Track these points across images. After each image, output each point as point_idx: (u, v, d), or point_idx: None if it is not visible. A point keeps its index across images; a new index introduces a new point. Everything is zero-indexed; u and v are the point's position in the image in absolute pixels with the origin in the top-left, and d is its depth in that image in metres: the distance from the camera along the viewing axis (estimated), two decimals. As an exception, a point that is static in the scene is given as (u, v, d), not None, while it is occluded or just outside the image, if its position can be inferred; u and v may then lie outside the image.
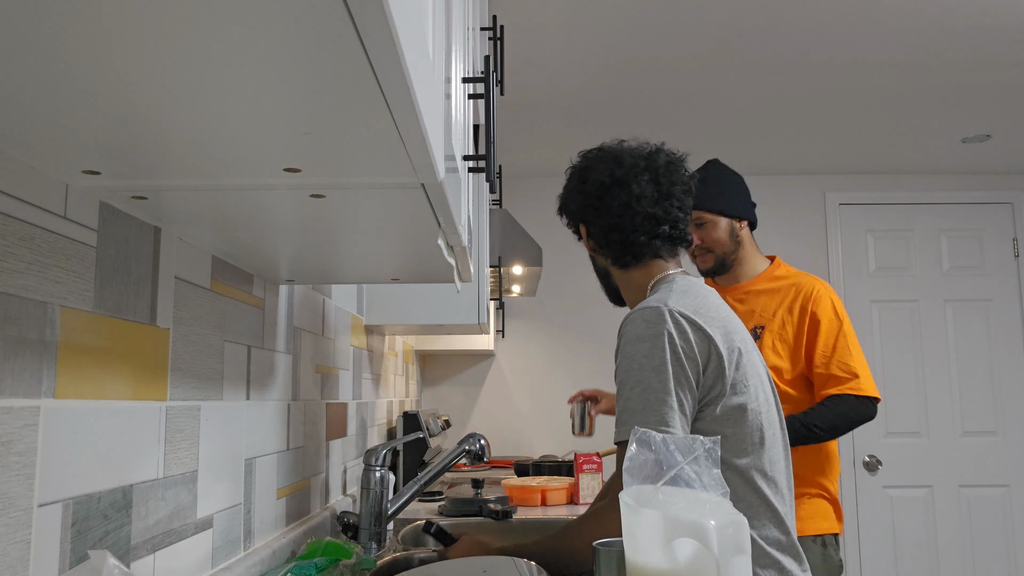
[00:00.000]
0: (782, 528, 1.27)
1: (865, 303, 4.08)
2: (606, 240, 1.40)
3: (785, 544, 1.27)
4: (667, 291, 1.31)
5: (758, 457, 1.26)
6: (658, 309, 1.25)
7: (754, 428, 1.26)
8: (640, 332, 1.24)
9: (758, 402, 1.28)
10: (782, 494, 1.29)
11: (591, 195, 1.40)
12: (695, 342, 1.23)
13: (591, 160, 1.43)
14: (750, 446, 1.26)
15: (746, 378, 1.27)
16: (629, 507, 0.87)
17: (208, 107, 0.57)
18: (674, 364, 1.22)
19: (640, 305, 1.29)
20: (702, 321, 1.25)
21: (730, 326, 1.30)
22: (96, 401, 0.82)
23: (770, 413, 1.32)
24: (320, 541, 1.42)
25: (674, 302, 1.26)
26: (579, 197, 1.42)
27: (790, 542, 1.28)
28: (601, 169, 1.39)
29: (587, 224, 1.43)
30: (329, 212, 0.87)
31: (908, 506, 3.93)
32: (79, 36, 0.46)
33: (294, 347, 1.57)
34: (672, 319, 1.24)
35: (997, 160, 3.93)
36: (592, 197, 1.39)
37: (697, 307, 1.27)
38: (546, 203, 4.17)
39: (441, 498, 2.50)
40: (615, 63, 2.79)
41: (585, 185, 1.41)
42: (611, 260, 1.42)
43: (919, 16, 2.45)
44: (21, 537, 0.69)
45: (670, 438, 0.91)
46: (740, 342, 1.29)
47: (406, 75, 0.52)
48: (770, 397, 1.34)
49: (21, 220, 0.70)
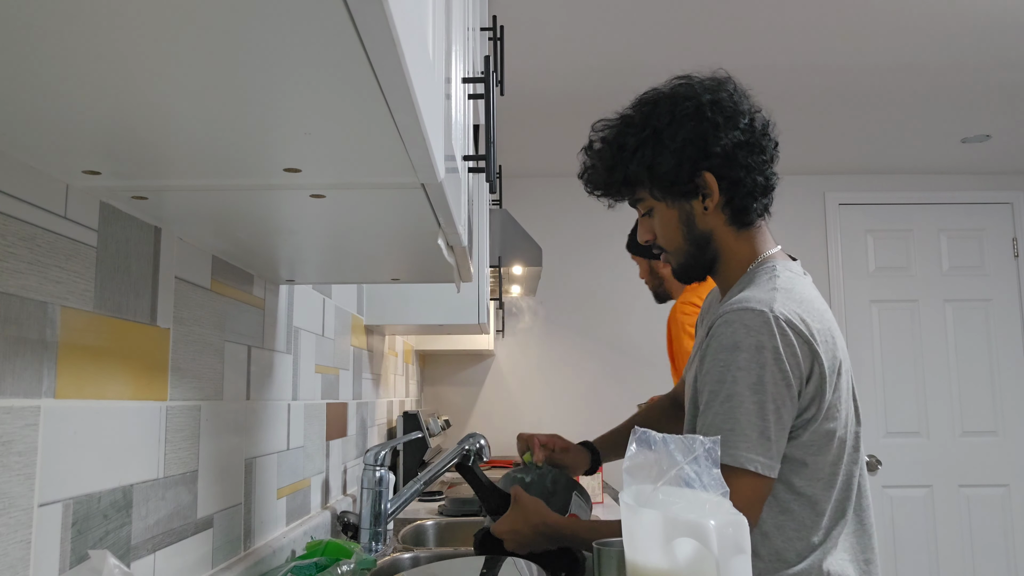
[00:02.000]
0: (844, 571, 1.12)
1: (865, 303, 4.09)
2: (751, 190, 1.19)
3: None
4: (770, 287, 1.13)
5: (832, 488, 1.13)
6: (763, 315, 1.08)
7: (837, 458, 1.13)
8: (739, 339, 1.08)
9: (846, 429, 1.15)
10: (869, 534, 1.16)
11: (745, 130, 1.17)
12: (800, 356, 1.08)
13: (706, 89, 1.18)
14: (828, 477, 1.13)
15: (841, 400, 1.14)
16: (629, 507, 0.87)
17: (208, 107, 0.57)
18: (776, 382, 1.07)
19: (739, 304, 1.10)
20: (809, 331, 1.09)
21: (835, 334, 1.15)
22: (96, 401, 0.82)
23: (852, 439, 1.17)
24: (320, 541, 1.42)
25: (780, 306, 1.09)
26: (725, 133, 1.16)
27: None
28: (736, 99, 1.18)
29: (726, 170, 1.18)
30: (329, 212, 0.87)
31: (908, 506, 3.93)
32: (79, 36, 0.46)
33: (294, 347, 1.57)
34: (779, 329, 1.07)
35: (997, 160, 3.94)
36: (747, 133, 1.17)
37: (804, 312, 1.11)
38: (546, 203, 4.17)
39: (441, 498, 2.50)
40: (615, 63, 2.79)
41: (732, 119, 1.17)
42: (730, 217, 1.20)
43: (919, 16, 2.45)
44: (21, 537, 0.69)
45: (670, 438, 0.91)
46: (842, 355, 1.16)
47: (406, 75, 0.52)
48: (851, 422, 1.18)
49: (21, 220, 0.70)
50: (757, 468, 1.07)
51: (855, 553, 1.15)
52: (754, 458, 1.07)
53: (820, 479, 1.13)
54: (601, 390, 4.04)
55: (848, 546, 1.15)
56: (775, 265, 1.18)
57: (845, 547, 1.14)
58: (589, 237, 4.16)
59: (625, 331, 4.08)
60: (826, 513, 1.13)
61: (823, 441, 1.12)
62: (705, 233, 1.22)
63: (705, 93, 1.19)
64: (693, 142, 1.17)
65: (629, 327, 4.08)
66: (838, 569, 1.12)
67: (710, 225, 1.22)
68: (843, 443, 1.14)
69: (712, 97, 1.18)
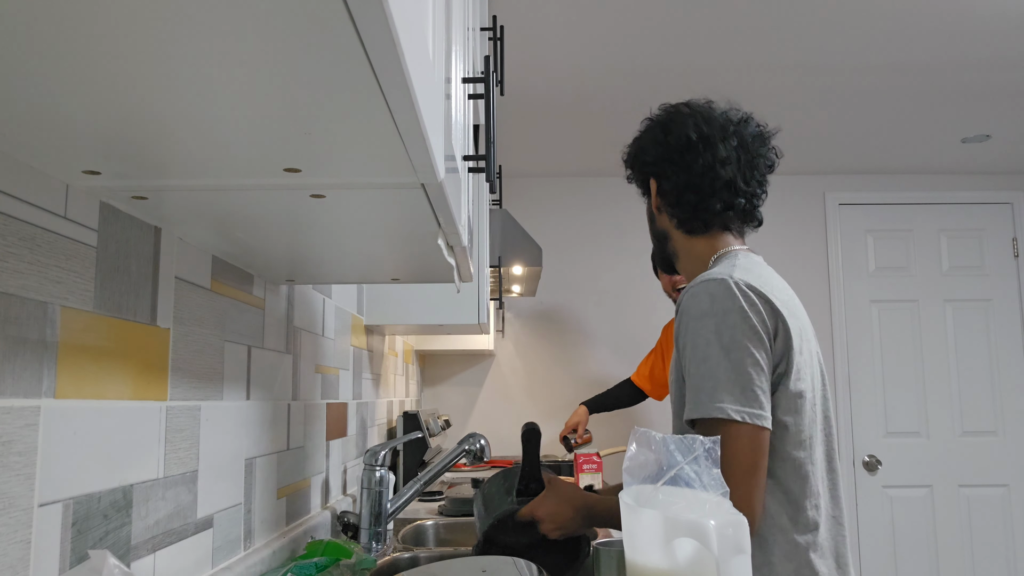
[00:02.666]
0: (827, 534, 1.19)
1: (865, 303, 4.09)
2: (678, 200, 1.30)
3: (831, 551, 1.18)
4: (730, 265, 1.21)
5: (813, 451, 1.18)
6: (724, 282, 1.15)
7: (811, 420, 1.18)
8: (705, 307, 1.15)
9: (814, 392, 1.21)
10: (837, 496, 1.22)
11: (672, 149, 1.29)
12: (765, 314, 1.15)
13: (676, 114, 1.32)
14: (808, 439, 1.17)
15: (806, 364, 1.19)
16: (629, 507, 0.87)
17: (208, 107, 0.57)
18: (748, 339, 1.12)
19: (702, 277, 1.19)
20: (769, 294, 1.16)
21: (794, 308, 1.22)
22: (96, 401, 0.82)
23: (822, 406, 1.24)
24: (320, 541, 1.42)
25: (739, 275, 1.17)
26: (658, 149, 1.31)
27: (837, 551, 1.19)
28: (688, 124, 1.29)
29: (660, 179, 1.32)
30: (329, 212, 0.87)
31: (908, 506, 3.93)
32: (80, 36, 0.46)
33: (294, 347, 1.57)
34: (740, 291, 1.14)
35: (997, 160, 3.94)
36: (673, 151, 1.29)
37: (762, 283, 1.18)
38: (546, 203, 4.17)
39: (441, 498, 2.50)
40: (615, 63, 2.79)
41: (667, 138, 1.30)
42: (678, 223, 1.32)
43: (919, 16, 2.45)
44: (21, 537, 0.69)
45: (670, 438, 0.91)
46: (803, 326, 1.22)
47: (406, 75, 0.52)
48: (818, 388, 1.25)
49: (21, 220, 0.70)
50: (745, 418, 1.10)
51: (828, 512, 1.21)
52: (740, 409, 1.10)
53: (800, 442, 1.17)
54: (601, 390, 4.04)
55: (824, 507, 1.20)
56: (736, 253, 1.28)
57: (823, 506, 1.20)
58: (589, 237, 4.16)
59: (625, 331, 4.08)
60: (810, 475, 1.17)
61: (797, 403, 1.17)
62: (662, 231, 1.37)
63: (670, 113, 1.34)
64: (642, 151, 1.35)
65: (629, 327, 4.08)
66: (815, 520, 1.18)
67: (664, 225, 1.36)
68: (814, 407, 1.20)
69: (668, 117, 1.33)
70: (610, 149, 3.75)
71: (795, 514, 1.16)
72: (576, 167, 4.04)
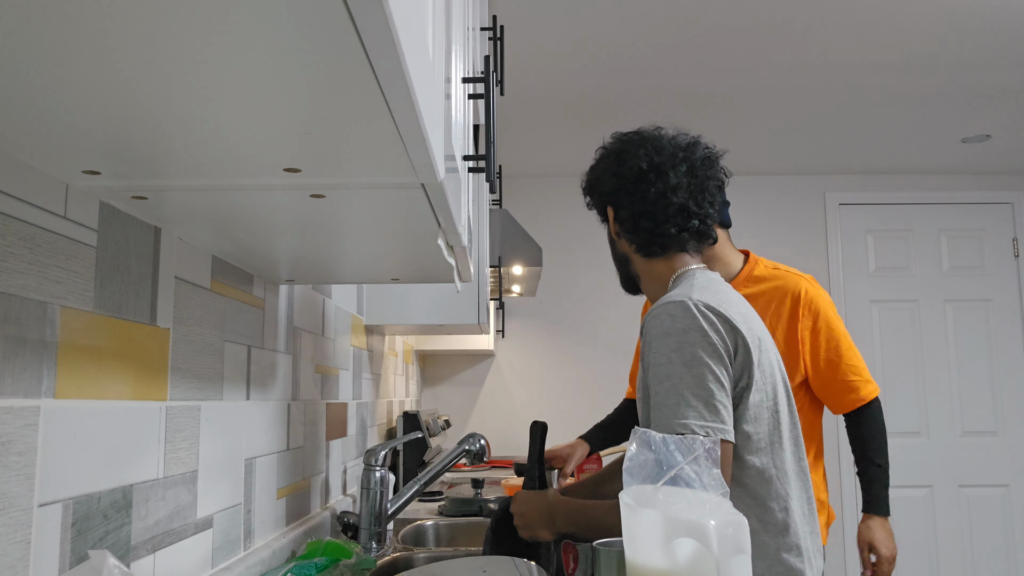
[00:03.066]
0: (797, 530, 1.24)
1: (865, 303, 4.09)
2: (634, 227, 1.37)
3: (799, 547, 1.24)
4: (688, 286, 1.29)
5: (775, 456, 1.24)
6: (683, 303, 1.22)
7: (771, 427, 1.24)
8: (667, 327, 1.21)
9: (774, 400, 1.27)
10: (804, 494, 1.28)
11: (626, 179, 1.36)
12: (724, 332, 1.21)
13: (628, 143, 1.39)
14: (767, 446, 1.24)
15: (765, 375, 1.26)
16: (629, 507, 0.87)
17: (208, 107, 0.57)
18: (708, 356, 1.19)
19: (663, 300, 1.26)
20: (727, 312, 1.23)
21: (751, 321, 1.28)
22: (96, 401, 0.82)
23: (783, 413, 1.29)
24: (320, 541, 1.42)
25: (697, 295, 1.24)
26: (612, 179, 1.39)
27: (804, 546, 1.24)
28: (639, 154, 1.36)
29: (616, 208, 1.40)
30: (329, 212, 0.87)
31: (908, 506, 3.93)
32: (79, 36, 0.46)
33: (294, 347, 1.57)
34: (699, 312, 1.21)
35: (997, 160, 3.94)
36: (627, 181, 1.36)
37: (720, 301, 1.25)
38: (546, 203, 4.18)
39: (441, 498, 2.51)
40: (615, 63, 2.79)
41: (621, 168, 1.37)
42: (636, 248, 1.39)
43: (919, 16, 2.45)
44: (21, 537, 0.69)
45: (670, 438, 0.91)
46: (760, 338, 1.28)
47: (406, 75, 0.52)
48: (783, 396, 1.31)
49: (21, 220, 0.70)
50: (709, 432, 1.16)
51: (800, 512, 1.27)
52: (704, 424, 1.16)
53: (761, 449, 1.23)
54: (601, 390, 4.04)
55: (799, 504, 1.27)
56: (694, 272, 1.34)
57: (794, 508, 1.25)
58: (589, 237, 4.16)
59: (625, 331, 4.09)
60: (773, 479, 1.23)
61: (757, 412, 1.23)
62: (622, 255, 1.44)
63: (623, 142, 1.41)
64: (598, 181, 1.42)
65: (629, 327, 4.08)
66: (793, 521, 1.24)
67: (624, 249, 1.43)
68: (774, 414, 1.26)
69: (620, 147, 1.40)
70: (610, 149, 3.75)
71: (763, 516, 1.22)
72: (576, 167, 4.04)
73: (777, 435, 1.25)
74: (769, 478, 1.23)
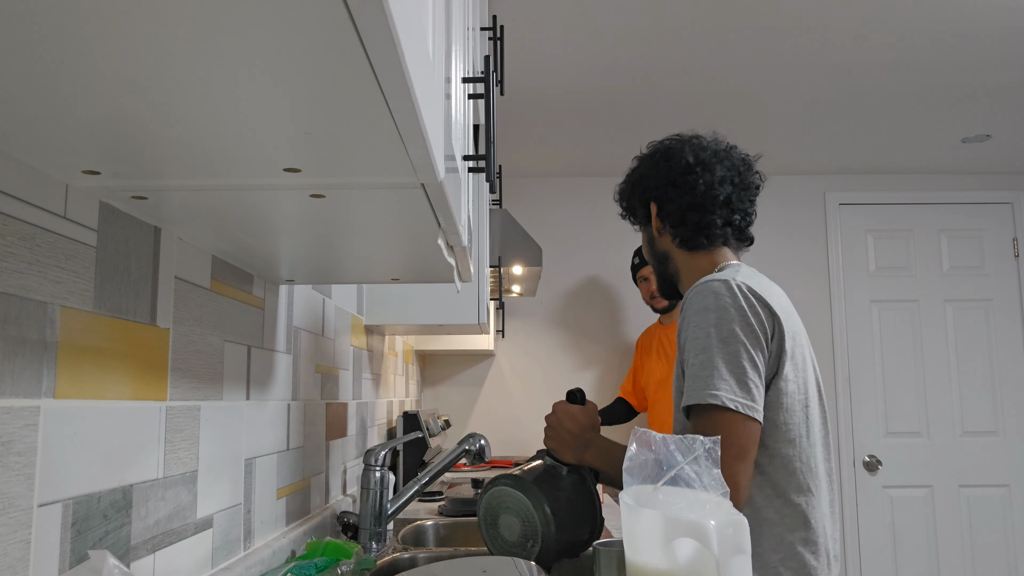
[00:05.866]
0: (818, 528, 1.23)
1: (865, 303, 4.09)
2: (681, 219, 1.40)
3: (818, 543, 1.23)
4: (733, 271, 1.31)
5: (801, 449, 1.24)
6: (726, 282, 1.24)
7: (800, 420, 1.24)
8: (708, 303, 1.23)
9: (806, 395, 1.27)
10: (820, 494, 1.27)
11: (675, 172, 1.41)
12: (763, 316, 1.23)
13: (672, 143, 1.45)
14: (797, 437, 1.24)
15: (798, 368, 1.26)
16: (629, 507, 0.87)
17: (208, 107, 0.57)
18: (746, 335, 1.20)
19: (706, 279, 1.27)
20: (768, 298, 1.25)
21: (790, 315, 1.29)
22: (96, 401, 0.82)
23: (815, 411, 1.29)
24: (320, 541, 1.42)
25: (741, 278, 1.26)
26: (660, 175, 1.43)
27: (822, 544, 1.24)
28: (685, 150, 1.42)
29: (662, 202, 1.43)
30: (329, 212, 0.87)
31: (908, 506, 3.93)
32: (80, 36, 0.46)
33: (294, 347, 1.57)
34: (741, 292, 1.23)
35: (997, 160, 3.94)
36: (676, 174, 1.41)
37: (763, 288, 1.27)
38: (546, 203, 4.18)
39: (441, 498, 2.51)
40: (615, 63, 2.79)
41: (669, 163, 1.42)
42: (680, 241, 1.42)
43: (919, 16, 2.45)
44: (21, 537, 0.69)
45: (670, 438, 0.91)
46: (797, 332, 1.29)
47: (406, 75, 0.52)
48: (816, 397, 1.31)
49: (21, 220, 0.70)
50: (739, 407, 1.16)
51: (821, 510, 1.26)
52: (734, 399, 1.17)
53: (789, 440, 1.23)
54: (601, 390, 4.04)
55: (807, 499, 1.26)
56: (739, 265, 1.37)
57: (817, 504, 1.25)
58: (589, 237, 4.16)
59: (625, 331, 4.09)
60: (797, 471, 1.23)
61: (787, 403, 1.24)
62: (662, 252, 1.47)
63: (665, 144, 1.46)
64: (643, 178, 1.46)
65: (629, 327, 4.08)
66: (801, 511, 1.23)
67: (665, 246, 1.46)
68: (805, 409, 1.26)
69: (664, 147, 1.45)
70: (610, 149, 3.75)
71: (782, 508, 1.22)
72: (576, 167, 4.04)
73: (806, 429, 1.25)
74: (793, 471, 1.23)
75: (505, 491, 1.30)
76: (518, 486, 1.28)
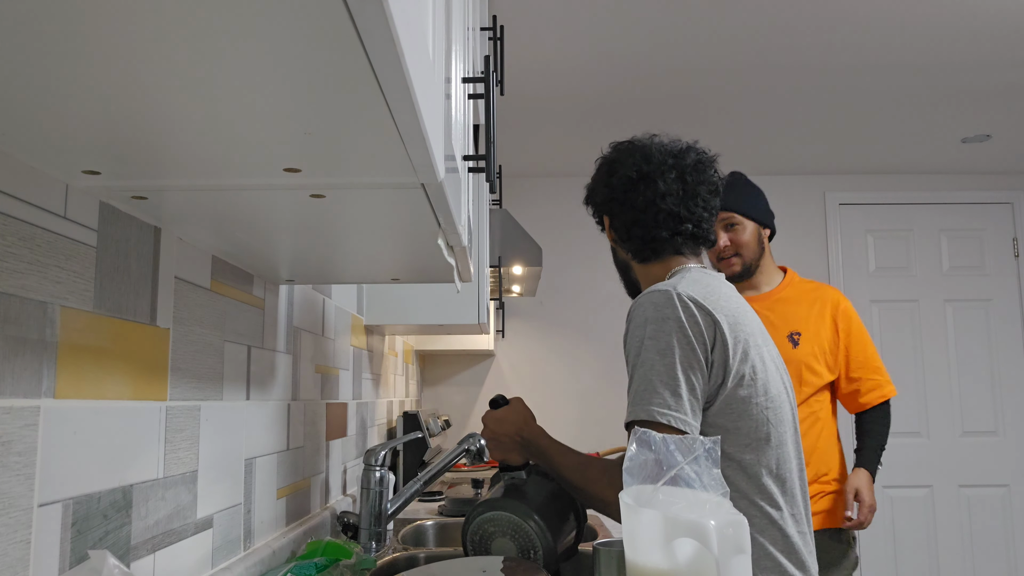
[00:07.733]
0: (786, 530, 1.24)
1: (865, 303, 4.09)
2: (628, 234, 1.41)
3: (789, 546, 1.24)
4: (679, 279, 1.30)
5: (764, 454, 1.24)
6: (666, 292, 1.24)
7: (759, 424, 1.24)
8: (648, 315, 1.23)
9: (766, 397, 1.26)
10: (792, 495, 1.27)
11: (616, 189, 1.40)
12: (703, 326, 1.22)
13: (620, 153, 1.43)
14: (754, 442, 1.23)
15: (754, 371, 1.25)
16: (629, 507, 0.87)
17: (208, 107, 0.57)
18: (682, 346, 1.20)
19: (649, 289, 1.28)
20: (710, 306, 1.24)
21: (741, 318, 1.28)
22: (96, 401, 0.82)
23: (781, 411, 1.29)
24: (320, 541, 1.42)
25: (683, 287, 1.25)
26: (605, 190, 1.43)
27: (794, 545, 1.25)
28: (628, 164, 1.40)
29: (611, 216, 1.44)
30: (329, 212, 0.87)
31: (908, 506, 3.93)
32: (80, 36, 0.46)
33: (294, 347, 1.57)
34: (680, 302, 1.23)
35: (997, 160, 3.94)
36: (617, 191, 1.40)
37: (707, 294, 1.26)
38: (546, 203, 4.17)
39: (441, 498, 2.50)
40: (615, 63, 2.79)
41: (612, 179, 1.42)
42: (631, 254, 1.43)
43: (919, 16, 2.45)
44: (21, 537, 0.69)
45: (670, 438, 0.91)
46: (749, 335, 1.28)
47: (406, 75, 0.52)
48: (782, 395, 1.31)
49: (21, 220, 0.70)
50: (670, 421, 1.17)
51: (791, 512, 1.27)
52: (666, 412, 1.17)
53: (747, 444, 1.23)
54: (600, 390, 4.04)
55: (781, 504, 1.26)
56: (689, 269, 1.36)
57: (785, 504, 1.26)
58: (589, 237, 4.16)
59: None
60: (761, 476, 1.24)
61: (742, 408, 1.23)
62: (623, 261, 1.49)
63: (615, 152, 1.44)
64: (592, 192, 1.48)
65: (629, 327, 4.08)
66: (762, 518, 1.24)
67: (623, 256, 1.47)
68: (764, 411, 1.25)
69: (613, 157, 1.44)
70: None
71: (747, 509, 1.23)
72: (576, 167, 4.04)
73: (770, 433, 1.25)
74: (755, 475, 1.23)
75: (487, 517, 1.29)
76: (498, 507, 1.28)
